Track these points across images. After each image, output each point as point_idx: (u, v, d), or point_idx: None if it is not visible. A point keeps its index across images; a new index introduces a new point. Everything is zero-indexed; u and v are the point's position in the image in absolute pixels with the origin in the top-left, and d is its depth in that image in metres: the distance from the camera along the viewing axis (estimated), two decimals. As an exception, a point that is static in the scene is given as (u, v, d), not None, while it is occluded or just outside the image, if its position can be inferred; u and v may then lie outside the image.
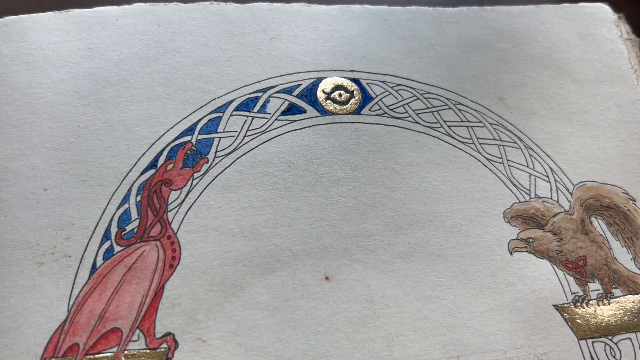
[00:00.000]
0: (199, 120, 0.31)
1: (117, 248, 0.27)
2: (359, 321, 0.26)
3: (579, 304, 0.28)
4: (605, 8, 0.37)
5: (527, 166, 0.32)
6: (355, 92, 0.33)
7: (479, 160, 0.32)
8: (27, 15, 0.33)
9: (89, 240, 0.28)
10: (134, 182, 0.29)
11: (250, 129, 0.31)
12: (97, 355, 0.25)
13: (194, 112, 0.31)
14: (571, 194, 0.32)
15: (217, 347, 0.26)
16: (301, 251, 0.28)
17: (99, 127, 0.30)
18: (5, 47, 0.32)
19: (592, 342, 0.28)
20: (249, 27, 0.34)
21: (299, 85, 0.33)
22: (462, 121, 0.33)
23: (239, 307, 0.27)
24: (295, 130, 0.32)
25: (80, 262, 0.27)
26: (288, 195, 0.30)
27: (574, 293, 0.29)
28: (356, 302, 0.27)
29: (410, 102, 0.33)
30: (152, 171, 0.29)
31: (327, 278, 0.27)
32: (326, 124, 0.32)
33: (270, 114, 0.32)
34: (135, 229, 0.28)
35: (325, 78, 0.34)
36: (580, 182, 0.32)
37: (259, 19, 0.35)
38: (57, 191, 0.28)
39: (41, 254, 0.27)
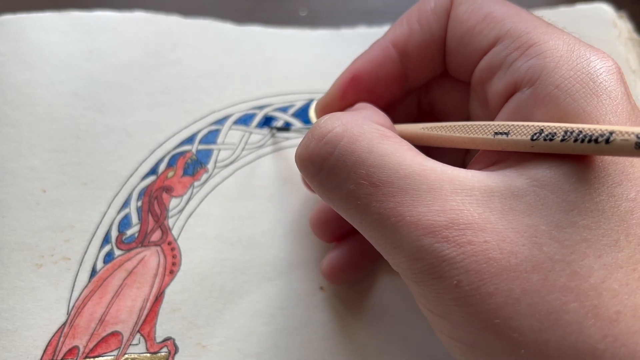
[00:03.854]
0: (199, 131, 0.32)
1: (117, 252, 0.28)
2: (351, 329, 0.28)
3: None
4: (603, 8, 0.37)
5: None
6: (346, 114, 0.35)
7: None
8: (24, 14, 0.32)
9: (89, 243, 0.28)
10: (135, 188, 0.29)
11: (248, 143, 0.32)
12: (97, 359, 0.25)
13: (194, 122, 0.32)
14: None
15: (216, 353, 0.27)
16: (297, 262, 0.29)
17: (100, 131, 0.30)
18: (2, 46, 0.31)
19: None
20: (245, 47, 0.36)
21: (293, 105, 0.35)
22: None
23: (238, 314, 0.28)
24: (290, 147, 0.33)
25: (80, 265, 0.27)
26: (284, 207, 0.31)
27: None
28: (350, 311, 0.28)
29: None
30: (153, 177, 0.30)
31: (321, 288, 0.29)
32: (319, 142, 0.34)
33: (266, 130, 0.33)
34: (136, 234, 0.28)
35: (317, 99, 0.36)
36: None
37: (254, 41, 0.36)
38: (57, 193, 0.28)
39: (40, 256, 0.27)
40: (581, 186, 0.17)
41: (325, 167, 0.19)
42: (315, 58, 0.37)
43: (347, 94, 0.25)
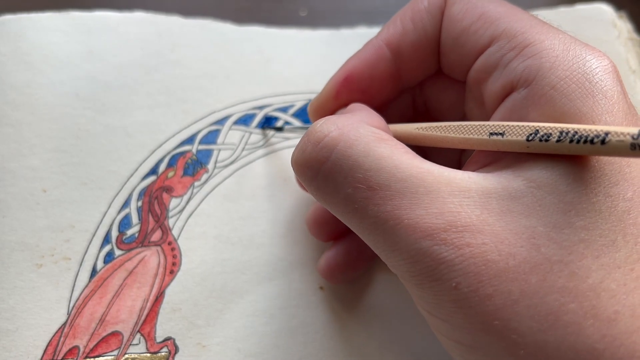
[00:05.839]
0: (199, 131, 0.32)
1: (117, 252, 0.28)
2: (352, 329, 0.28)
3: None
4: (603, 9, 0.37)
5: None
6: (345, 114, 0.35)
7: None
8: (25, 14, 0.33)
9: (89, 243, 0.28)
10: (135, 188, 0.29)
11: (248, 143, 0.32)
12: (97, 358, 0.25)
13: (194, 123, 0.32)
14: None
15: (216, 353, 0.27)
16: (297, 261, 0.29)
17: (100, 131, 0.30)
18: (3, 46, 0.31)
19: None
20: (245, 48, 0.36)
21: (293, 105, 0.35)
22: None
23: (238, 313, 0.28)
24: (290, 147, 0.33)
25: (81, 265, 0.27)
26: (284, 207, 0.31)
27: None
28: (350, 311, 0.28)
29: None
30: (153, 177, 0.30)
31: (321, 288, 0.29)
32: (319, 142, 0.34)
33: (266, 130, 0.33)
34: (136, 234, 0.28)
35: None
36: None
37: (254, 41, 0.36)
38: (57, 193, 0.28)
39: (40, 256, 0.27)
40: (578, 187, 0.17)
41: (322, 172, 0.19)
42: (315, 58, 0.37)
43: (341, 94, 0.25)
